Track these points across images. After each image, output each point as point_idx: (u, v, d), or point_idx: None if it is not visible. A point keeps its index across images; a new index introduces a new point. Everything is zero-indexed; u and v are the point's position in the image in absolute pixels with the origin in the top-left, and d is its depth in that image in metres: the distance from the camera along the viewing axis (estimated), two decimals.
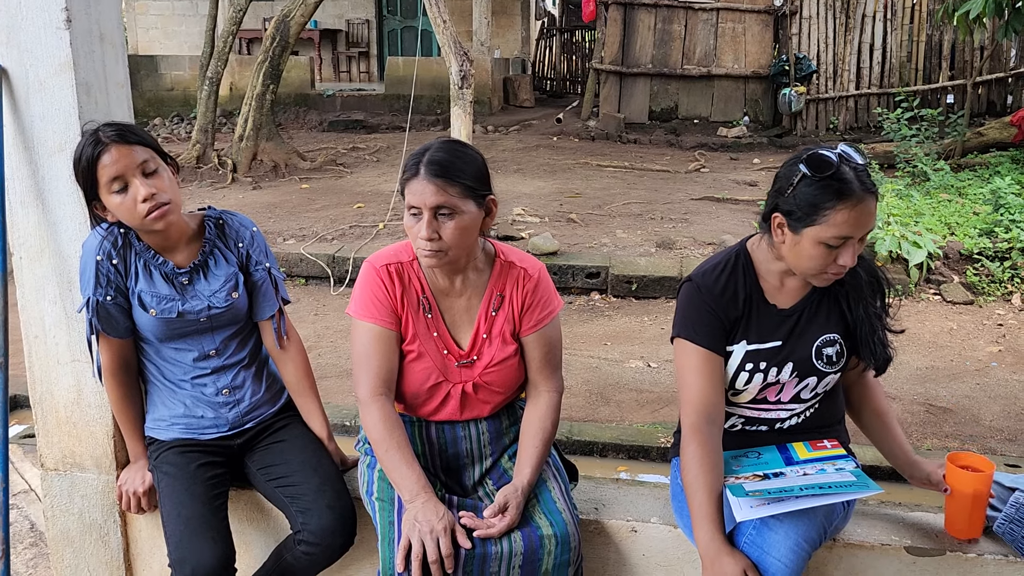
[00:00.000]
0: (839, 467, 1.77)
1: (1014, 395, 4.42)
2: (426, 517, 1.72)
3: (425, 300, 1.91)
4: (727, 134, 11.67)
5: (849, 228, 1.67)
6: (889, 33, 11.79)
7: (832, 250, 1.70)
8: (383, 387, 1.87)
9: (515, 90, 14.90)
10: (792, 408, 1.89)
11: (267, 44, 9.48)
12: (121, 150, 1.87)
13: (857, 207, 1.66)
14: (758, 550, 1.67)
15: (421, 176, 1.76)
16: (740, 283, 1.85)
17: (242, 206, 7.99)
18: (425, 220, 1.76)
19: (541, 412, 1.93)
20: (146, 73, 13.93)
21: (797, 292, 1.87)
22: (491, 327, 1.93)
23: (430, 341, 1.91)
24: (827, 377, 1.86)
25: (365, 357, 1.87)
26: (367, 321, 1.88)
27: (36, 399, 2.19)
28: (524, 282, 1.93)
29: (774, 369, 1.84)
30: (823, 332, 1.86)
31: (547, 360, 1.96)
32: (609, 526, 2.03)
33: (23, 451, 3.36)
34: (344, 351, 5.06)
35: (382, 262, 1.90)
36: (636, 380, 4.62)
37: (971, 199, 7.21)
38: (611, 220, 7.45)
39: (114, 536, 2.23)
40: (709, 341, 1.82)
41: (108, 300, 1.94)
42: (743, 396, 1.88)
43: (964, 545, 1.90)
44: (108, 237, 1.95)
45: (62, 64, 1.97)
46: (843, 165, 1.68)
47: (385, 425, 1.83)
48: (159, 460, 2.03)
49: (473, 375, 1.93)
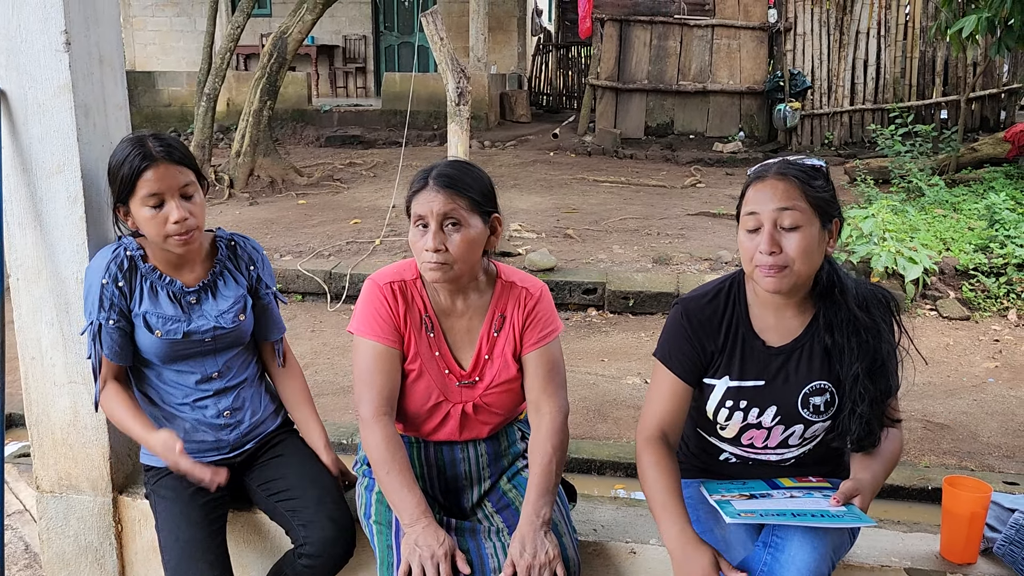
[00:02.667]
0: (827, 494, 1.73)
1: (1011, 411, 4.42)
2: (427, 542, 1.71)
3: (428, 319, 1.90)
4: (723, 149, 11.72)
5: (755, 203, 1.67)
6: (883, 49, 11.87)
7: (753, 236, 1.68)
8: (386, 406, 1.85)
9: (512, 105, 14.95)
10: (781, 452, 1.85)
11: (264, 60, 9.51)
12: (169, 169, 1.88)
13: (763, 183, 1.68)
14: None
15: (430, 187, 1.78)
16: (726, 313, 1.80)
17: (239, 222, 7.99)
18: (432, 230, 1.77)
19: (544, 434, 1.88)
20: (143, 89, 13.95)
21: (790, 330, 1.79)
22: (492, 348, 1.92)
23: (432, 361, 1.90)
24: (815, 426, 1.79)
25: (368, 375, 1.85)
26: (370, 339, 1.86)
27: (32, 421, 2.18)
28: (525, 301, 1.92)
29: (755, 410, 1.79)
30: (813, 379, 1.77)
31: (549, 379, 1.92)
32: (608, 548, 2.02)
33: (18, 470, 3.34)
34: (341, 368, 5.04)
35: (385, 280, 1.89)
36: (633, 397, 4.61)
37: (966, 215, 7.24)
38: (608, 236, 7.46)
39: (110, 559, 2.22)
40: (682, 370, 1.80)
41: (111, 324, 1.92)
42: (726, 432, 1.84)
43: (964, 567, 1.90)
44: (115, 260, 1.93)
45: (61, 86, 1.98)
46: (777, 161, 1.71)
47: (387, 446, 1.81)
48: (156, 485, 2.02)
49: (474, 395, 1.92)
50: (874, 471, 1.74)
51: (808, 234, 1.66)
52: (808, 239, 1.66)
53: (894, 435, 1.81)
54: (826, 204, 1.69)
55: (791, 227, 1.65)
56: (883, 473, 1.76)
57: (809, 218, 1.66)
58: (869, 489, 1.70)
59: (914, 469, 3.74)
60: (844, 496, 1.66)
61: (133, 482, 2.24)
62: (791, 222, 1.65)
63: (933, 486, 3.52)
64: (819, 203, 1.68)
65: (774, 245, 1.65)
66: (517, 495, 1.95)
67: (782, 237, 1.66)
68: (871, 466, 1.75)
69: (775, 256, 1.65)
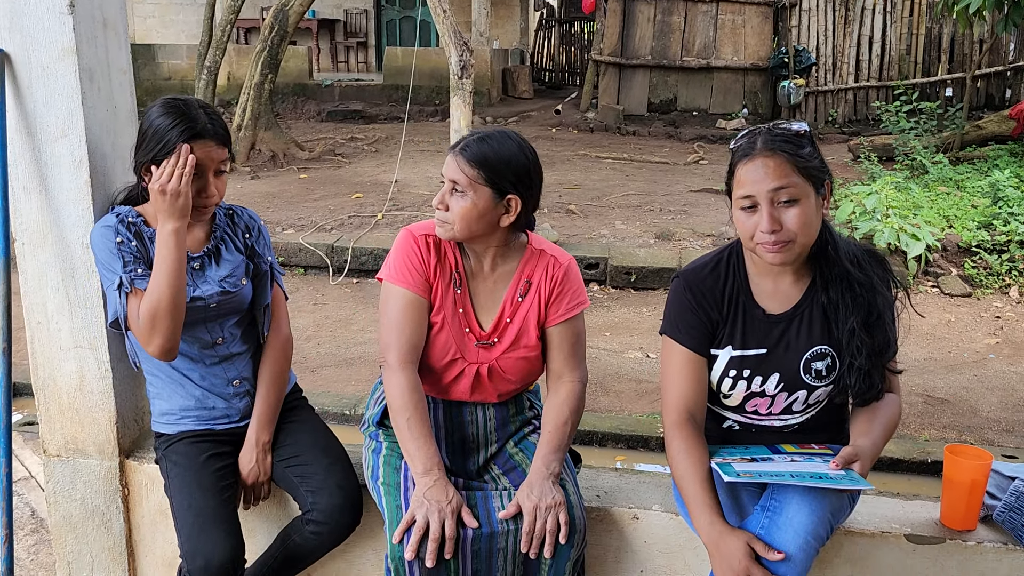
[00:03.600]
0: (827, 459, 1.74)
1: (1011, 386, 4.44)
2: (435, 496, 1.73)
3: (457, 276, 1.93)
4: (726, 126, 11.67)
5: (749, 184, 1.66)
6: (888, 26, 11.78)
7: (751, 214, 1.67)
8: (412, 354, 1.88)
9: (514, 81, 14.87)
10: (785, 419, 1.86)
11: (265, 33, 9.45)
12: (212, 146, 1.90)
13: (752, 162, 1.66)
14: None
15: (454, 151, 1.85)
16: (727, 282, 1.80)
17: (240, 196, 7.97)
18: (442, 191, 1.86)
19: (562, 398, 1.92)
20: (143, 62, 13.86)
21: (790, 297, 1.79)
22: (515, 312, 1.94)
23: (455, 316, 1.93)
24: (817, 391, 1.81)
25: (397, 323, 1.88)
26: (401, 286, 1.89)
27: (39, 385, 2.19)
28: (553, 270, 1.94)
29: (758, 378, 1.80)
30: (813, 344, 1.77)
31: (573, 351, 1.95)
32: (612, 513, 2.04)
33: (23, 438, 3.37)
34: (344, 340, 5.06)
35: (421, 231, 1.93)
36: (635, 371, 4.63)
37: (969, 192, 7.22)
38: (610, 211, 7.45)
39: (116, 522, 2.24)
40: (692, 342, 1.80)
41: (139, 275, 1.90)
42: (730, 401, 1.85)
43: (964, 533, 1.91)
44: (121, 223, 1.93)
45: (65, 50, 1.96)
46: (760, 134, 1.69)
47: (411, 394, 1.84)
48: (168, 451, 2.03)
49: (490, 357, 1.94)
50: (873, 437, 1.75)
51: (806, 206, 1.66)
52: (807, 211, 1.66)
53: (892, 401, 1.81)
54: (817, 170, 1.68)
55: (789, 202, 1.65)
56: (882, 439, 1.77)
57: (804, 190, 1.65)
58: (868, 455, 1.71)
59: (914, 443, 3.77)
60: (844, 461, 1.67)
61: (140, 446, 2.25)
62: (788, 197, 1.64)
63: (933, 459, 3.54)
64: (811, 172, 1.66)
65: (775, 223, 1.65)
66: (524, 458, 1.96)
67: (781, 213, 1.65)
68: (870, 432, 1.75)
69: (777, 234, 1.65)
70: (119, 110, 2.13)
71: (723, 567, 1.65)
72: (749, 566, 1.61)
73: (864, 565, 1.94)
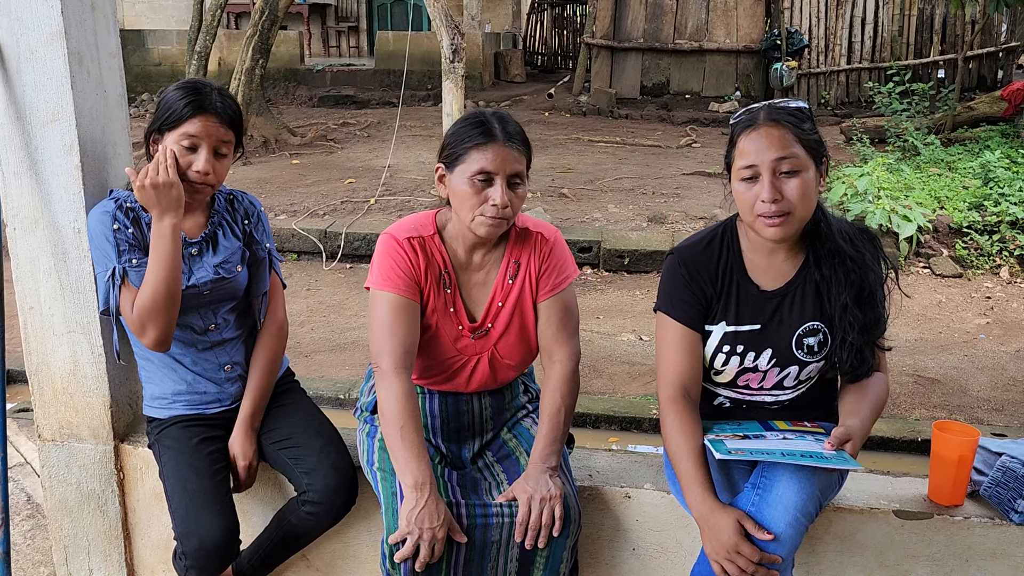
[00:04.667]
0: (819, 438, 1.76)
1: (1001, 366, 4.48)
2: (426, 521, 1.69)
3: (446, 275, 1.90)
4: (719, 109, 11.65)
5: (752, 154, 1.68)
6: (881, 7, 11.76)
7: (751, 185, 1.69)
8: (406, 359, 1.83)
9: (506, 65, 14.81)
10: (776, 394, 1.88)
11: (256, 18, 9.39)
12: (217, 124, 1.90)
13: (756, 131, 1.68)
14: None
15: (504, 142, 1.79)
16: (721, 258, 1.82)
17: (233, 181, 7.89)
18: (500, 188, 1.79)
19: (554, 384, 1.90)
20: (133, 48, 13.77)
21: (784, 274, 1.81)
22: (507, 295, 1.92)
23: (447, 316, 1.91)
24: (809, 367, 1.82)
25: (389, 328, 1.82)
26: (390, 291, 1.84)
27: (32, 370, 2.19)
28: (541, 247, 1.93)
29: (751, 354, 1.81)
30: (806, 320, 1.79)
31: (562, 325, 1.92)
32: (604, 492, 2.06)
33: (18, 425, 3.37)
34: (337, 326, 5.06)
35: (404, 234, 1.88)
36: (628, 353, 4.65)
37: (961, 173, 7.24)
38: (603, 195, 7.45)
39: (112, 506, 2.25)
40: (687, 317, 1.81)
41: (133, 265, 1.91)
42: (722, 377, 1.87)
43: (951, 508, 1.94)
44: (119, 209, 1.93)
45: (54, 33, 1.95)
46: (762, 108, 1.71)
47: (404, 403, 1.79)
48: (160, 435, 2.04)
49: (488, 346, 1.93)
50: (863, 417, 1.76)
51: (807, 179, 1.68)
52: (807, 183, 1.68)
53: (880, 380, 1.83)
54: (817, 144, 1.71)
55: (790, 172, 1.66)
56: (871, 419, 1.79)
57: (805, 162, 1.68)
58: (859, 435, 1.73)
59: (904, 422, 3.80)
60: (837, 441, 1.69)
61: (134, 431, 2.26)
62: (790, 167, 1.66)
63: (923, 438, 3.57)
64: (812, 145, 1.69)
65: (776, 192, 1.66)
66: (517, 444, 1.97)
67: (782, 183, 1.67)
68: (859, 412, 1.77)
69: (778, 204, 1.66)
70: (109, 94, 2.12)
71: (713, 543, 1.67)
72: (738, 543, 1.63)
73: (853, 541, 1.96)
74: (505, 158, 1.77)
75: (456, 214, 1.85)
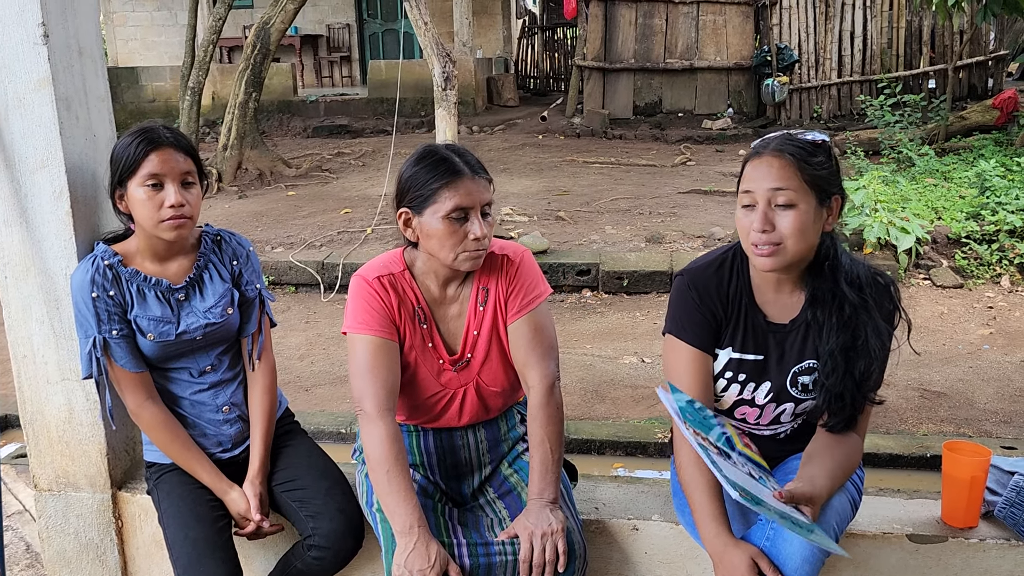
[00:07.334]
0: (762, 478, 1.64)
1: (1007, 377, 4.44)
2: (417, 565, 1.65)
3: (420, 311, 1.88)
4: (712, 126, 11.69)
5: (751, 181, 1.66)
6: (869, 20, 11.83)
7: (748, 212, 1.67)
8: (389, 401, 1.80)
9: (499, 89, 14.87)
10: (774, 428, 1.85)
11: (248, 52, 9.43)
12: (173, 154, 1.88)
13: (760, 160, 1.66)
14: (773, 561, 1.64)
15: (470, 176, 1.80)
16: (731, 283, 1.78)
17: (228, 215, 7.94)
18: (475, 221, 1.80)
19: (533, 414, 1.85)
20: (127, 85, 13.84)
21: (789, 308, 1.77)
22: (480, 323, 1.89)
23: (425, 352, 1.88)
24: (804, 404, 1.80)
25: (369, 370, 1.79)
26: (366, 334, 1.81)
27: (27, 419, 2.16)
28: (507, 268, 1.89)
29: (751, 384, 1.79)
30: (804, 358, 1.76)
31: (531, 347, 1.85)
32: (610, 525, 2.02)
33: (16, 471, 3.33)
34: (337, 358, 5.03)
35: (374, 274, 1.86)
36: (630, 376, 4.62)
37: (957, 183, 7.25)
38: (600, 216, 7.45)
39: (111, 555, 2.21)
40: (697, 339, 1.77)
41: (115, 335, 1.89)
42: (720, 404, 1.84)
43: (966, 531, 1.90)
44: (97, 271, 1.90)
45: (41, 80, 1.95)
46: (778, 137, 1.70)
47: (389, 446, 1.75)
48: (160, 481, 2.00)
49: (471, 377, 1.91)
50: (834, 477, 1.67)
51: (802, 212, 1.63)
52: (802, 218, 1.63)
53: (853, 443, 1.76)
54: (824, 181, 1.66)
55: (785, 205, 1.64)
56: (841, 479, 1.70)
57: (804, 196, 1.63)
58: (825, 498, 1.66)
59: (912, 437, 3.76)
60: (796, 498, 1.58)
61: (132, 477, 2.23)
62: (785, 200, 1.63)
63: (932, 453, 3.53)
64: (816, 181, 1.64)
65: (767, 223, 1.63)
66: (519, 480, 1.93)
67: (776, 215, 1.64)
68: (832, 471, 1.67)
69: (767, 234, 1.64)
70: (98, 139, 2.11)
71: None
72: None
73: (867, 567, 1.93)
74: (475, 191, 1.77)
75: (432, 255, 1.82)
